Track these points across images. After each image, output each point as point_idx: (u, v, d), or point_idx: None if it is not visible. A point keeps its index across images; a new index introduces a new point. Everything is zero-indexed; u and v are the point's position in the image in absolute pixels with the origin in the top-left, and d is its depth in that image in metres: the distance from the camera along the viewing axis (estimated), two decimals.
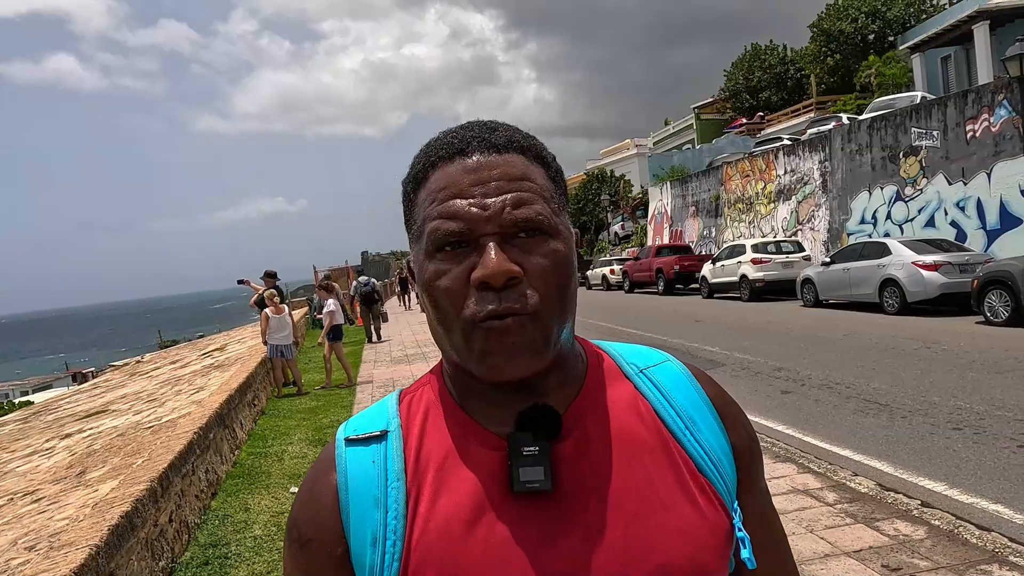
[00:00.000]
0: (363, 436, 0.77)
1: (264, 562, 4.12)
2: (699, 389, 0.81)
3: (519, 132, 0.77)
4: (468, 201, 0.69)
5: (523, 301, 0.68)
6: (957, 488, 4.60)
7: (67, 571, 2.83)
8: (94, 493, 4.18)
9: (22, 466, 6.33)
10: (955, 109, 16.91)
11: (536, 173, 0.73)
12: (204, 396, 7.28)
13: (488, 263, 0.67)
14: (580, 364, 0.79)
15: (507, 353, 0.68)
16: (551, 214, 0.71)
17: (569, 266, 0.72)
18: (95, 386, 14.57)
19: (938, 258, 12.34)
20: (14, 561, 3.23)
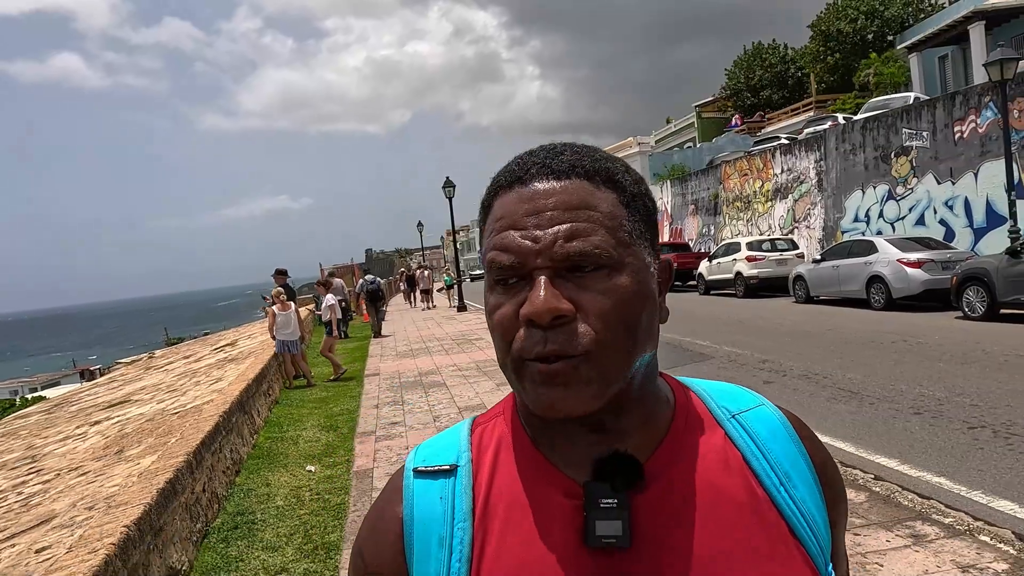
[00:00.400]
0: (432, 468, 0.75)
1: (287, 527, 4.66)
2: (797, 440, 0.76)
3: (590, 154, 0.71)
4: (520, 233, 0.66)
5: (574, 341, 0.64)
6: (908, 464, 5.12)
7: (128, 522, 3.37)
8: (136, 466, 4.72)
9: (59, 448, 6.88)
10: (943, 111, 17.37)
11: (603, 199, 0.68)
12: (223, 386, 7.83)
13: (534, 300, 0.64)
14: (666, 407, 0.75)
15: (558, 393, 0.65)
16: (614, 245, 0.66)
17: (636, 302, 0.67)
18: (112, 380, 15.14)
19: (922, 256, 12.84)
20: (78, 517, 3.77)
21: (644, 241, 0.70)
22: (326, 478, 5.72)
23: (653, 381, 0.74)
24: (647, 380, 0.72)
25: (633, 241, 0.68)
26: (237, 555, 4.24)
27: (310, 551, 4.21)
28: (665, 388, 0.76)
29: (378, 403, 8.77)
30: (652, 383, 0.73)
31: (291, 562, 4.07)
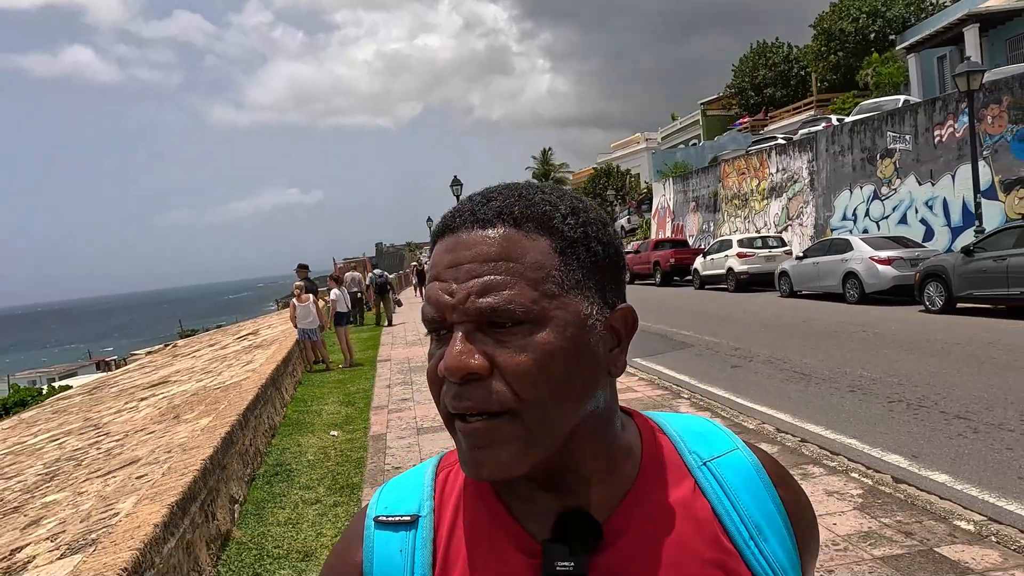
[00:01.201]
0: (393, 519, 0.73)
1: (317, 474, 5.79)
2: (770, 487, 0.73)
3: (526, 199, 0.68)
4: (441, 286, 0.65)
5: (489, 399, 0.62)
6: (831, 430, 6.18)
7: (203, 457, 4.48)
8: (196, 424, 5.84)
9: (117, 418, 8.02)
10: (925, 115, 18.33)
11: (529, 248, 0.64)
12: (255, 367, 8.96)
13: (447, 356, 0.62)
14: (631, 455, 0.72)
15: (481, 455, 0.63)
16: (536, 299, 0.63)
17: (560, 359, 0.63)
18: (142, 367, 16.34)
19: (892, 253, 13.85)
20: (160, 458, 4.89)
21: (584, 291, 0.66)
22: (347, 440, 6.84)
23: (610, 432, 0.70)
24: (600, 433, 0.69)
25: (565, 292, 0.64)
26: (280, 492, 5.37)
27: (337, 489, 5.33)
28: (632, 434, 0.74)
29: (390, 383, 9.90)
30: (607, 434, 0.70)
31: (323, 497, 5.20)
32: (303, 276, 12.75)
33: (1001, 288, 10.75)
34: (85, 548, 3.23)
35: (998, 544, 3.49)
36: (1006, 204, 15.80)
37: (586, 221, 0.69)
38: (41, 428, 9.38)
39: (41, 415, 11.47)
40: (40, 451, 7.17)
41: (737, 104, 49.88)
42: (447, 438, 6.00)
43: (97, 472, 5.10)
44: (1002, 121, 15.97)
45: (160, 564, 3.24)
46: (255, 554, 4.24)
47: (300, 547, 4.27)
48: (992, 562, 3.30)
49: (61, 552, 3.32)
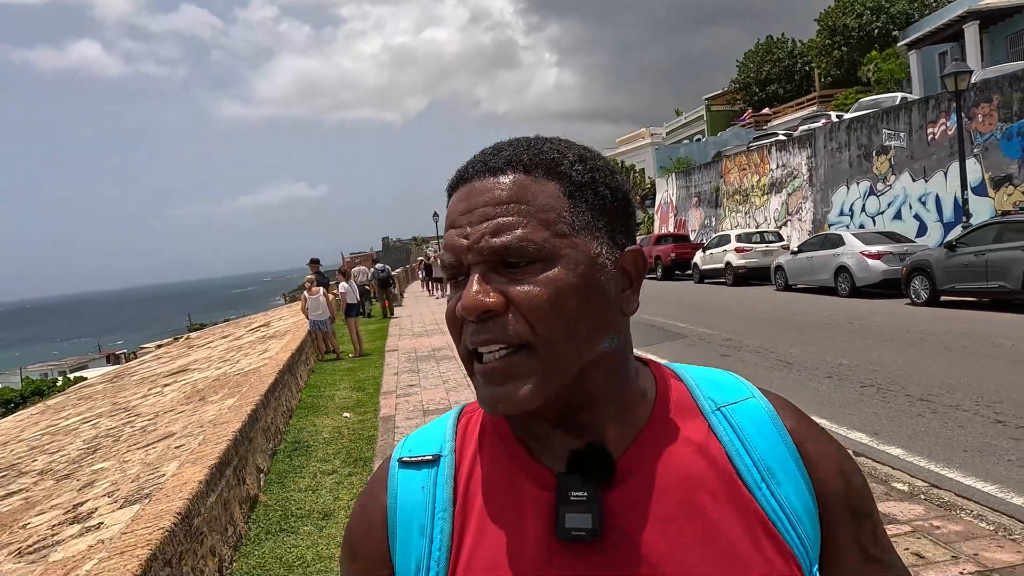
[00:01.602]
0: (416, 459, 0.76)
1: (333, 449, 6.36)
2: (783, 432, 0.73)
3: (535, 147, 0.71)
4: (457, 231, 0.68)
5: (505, 333, 0.65)
6: (822, 418, 6.70)
7: (233, 430, 5.04)
8: (222, 404, 6.41)
9: (144, 402, 8.61)
10: (918, 113, 18.77)
11: (539, 192, 0.67)
12: (271, 355, 9.54)
13: (464, 296, 0.65)
14: (645, 398, 0.74)
15: (497, 390, 0.66)
16: (548, 237, 0.66)
17: (573, 295, 0.66)
18: (158, 357, 16.96)
19: (881, 248, 14.34)
20: (193, 432, 5.46)
21: (594, 231, 0.69)
22: (358, 421, 7.41)
23: (623, 373, 0.72)
24: (614, 372, 0.71)
25: (575, 232, 0.67)
26: (299, 464, 5.94)
27: (351, 462, 5.89)
28: (646, 378, 0.76)
29: (398, 371, 10.47)
30: (622, 375, 0.72)
31: (338, 468, 5.76)
32: (314, 270, 13.34)
33: (981, 282, 11.24)
34: (140, 500, 3.79)
35: (925, 501, 4.03)
36: (995, 200, 16.25)
37: (593, 168, 0.71)
38: (70, 412, 9.98)
39: (67, 402, 12.08)
40: (76, 431, 7.76)
41: (742, 99, 50.21)
42: None
43: (136, 445, 5.68)
44: (992, 119, 16.42)
45: (204, 514, 3.81)
46: (280, 514, 4.81)
47: (320, 508, 4.84)
48: (916, 514, 3.84)
49: (120, 504, 3.89)
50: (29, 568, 3.22)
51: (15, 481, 5.73)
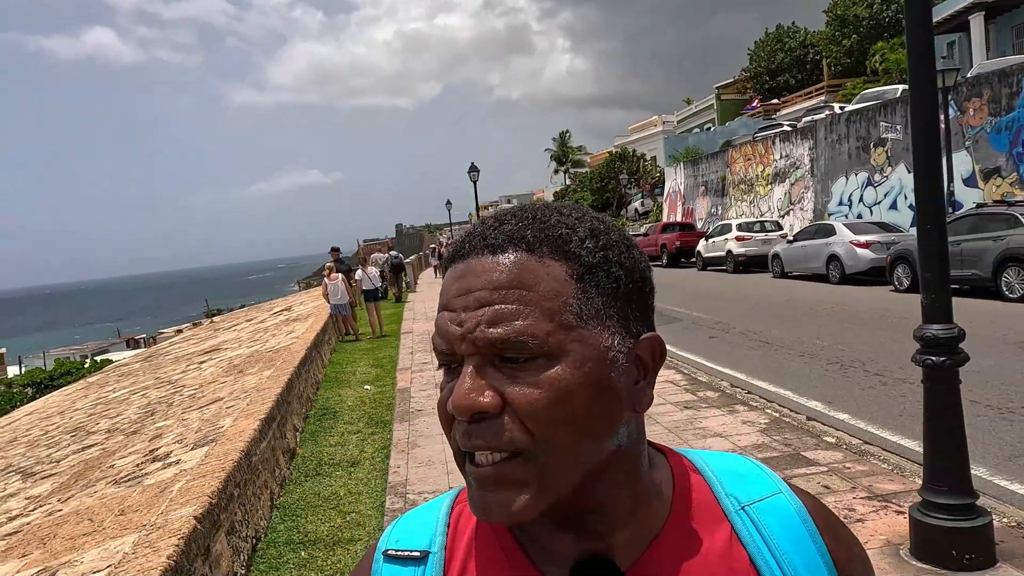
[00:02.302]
0: (403, 553, 0.71)
1: (356, 414, 7.30)
2: (815, 536, 0.67)
3: (541, 220, 0.64)
4: (450, 315, 0.62)
5: (500, 439, 0.59)
6: (772, 384, 7.55)
7: (275, 393, 5.96)
8: (260, 375, 7.34)
9: (185, 376, 9.57)
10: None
11: (544, 275, 0.61)
12: (298, 335, 10.48)
13: (456, 392, 0.59)
14: (661, 497, 0.67)
15: (490, 497, 0.60)
16: (552, 330, 0.59)
17: (577, 396, 0.59)
18: (187, 339, 17.98)
19: (870, 238, 15.10)
20: (240, 395, 6.39)
21: (605, 319, 0.62)
22: (378, 392, 8.35)
23: (633, 471, 0.66)
24: (625, 472, 0.65)
25: (583, 323, 0.61)
26: (328, 426, 6.88)
27: (373, 424, 6.83)
28: (662, 471, 0.69)
29: (412, 351, 11.41)
30: (633, 473, 0.65)
31: (362, 429, 6.70)
32: (335, 257, 14.29)
33: (957, 269, 11.98)
34: (207, 444, 4.72)
35: (846, 450, 4.90)
36: (985, 192, 16.92)
37: (607, 244, 0.64)
38: (115, 387, 10.97)
39: (107, 379, 13.11)
40: (127, 401, 8.73)
41: (752, 88, 50.62)
42: None
43: (191, 408, 6.63)
44: (983, 113, 17.07)
45: (259, 455, 4.74)
46: (315, 463, 5.75)
47: (348, 458, 5.78)
48: (834, 459, 4.72)
49: (190, 447, 4.82)
50: (129, 490, 4.16)
51: (87, 438, 6.70)
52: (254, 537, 4.23)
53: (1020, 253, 10.78)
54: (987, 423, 5.56)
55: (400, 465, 5.54)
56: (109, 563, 2.94)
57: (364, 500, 4.79)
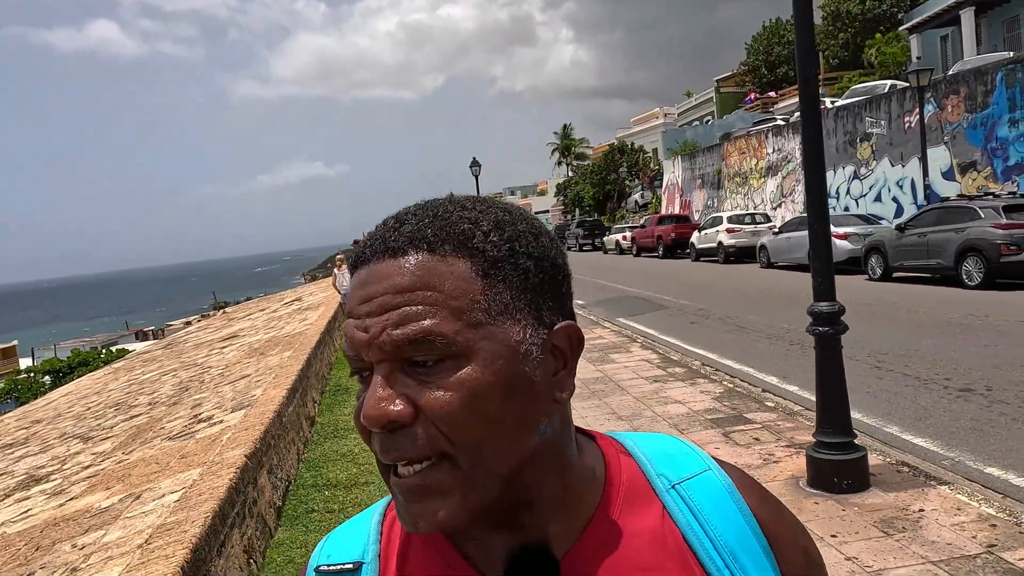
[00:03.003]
0: (335, 568, 0.70)
1: None
2: (745, 510, 0.68)
3: (441, 218, 0.62)
4: (356, 323, 0.60)
5: (416, 447, 0.58)
6: (737, 362, 8.44)
7: (297, 368, 6.88)
8: (281, 356, 8.26)
9: (210, 359, 10.51)
10: (896, 103, 20.21)
11: (447, 273, 0.59)
12: (311, 322, 11.41)
13: (366, 403, 0.58)
14: (593, 481, 0.68)
15: (416, 508, 0.59)
16: (459, 329, 0.58)
17: (492, 395, 0.58)
18: (203, 328, 18.95)
19: (848, 229, 15.96)
20: (267, 371, 7.31)
21: (515, 313, 0.61)
22: None
23: (561, 460, 0.65)
24: (552, 462, 0.64)
25: (492, 319, 0.59)
26: (342, 399, 7.83)
27: None
28: (592, 457, 0.69)
29: None
30: (560, 462, 0.65)
31: None
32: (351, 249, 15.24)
33: (923, 259, 12.87)
34: (244, 408, 5.65)
35: (781, 412, 5.82)
36: (962, 185, 17.74)
37: (512, 236, 0.62)
38: (143, 370, 11.93)
39: (132, 364, 14.07)
40: (159, 381, 9.68)
41: (751, 82, 51.29)
42: None
43: (222, 383, 7.57)
44: (960, 110, 17.87)
45: (288, 417, 5.67)
46: (332, 428, 6.68)
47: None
48: (769, 419, 5.64)
49: (230, 411, 5.75)
50: (184, 442, 5.09)
51: (131, 411, 7.64)
52: (287, 480, 5.16)
53: (978, 244, 11.63)
54: (911, 392, 6.47)
55: None
56: (183, 487, 3.86)
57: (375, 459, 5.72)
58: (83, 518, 3.80)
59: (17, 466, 6.21)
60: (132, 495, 4.04)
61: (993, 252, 11.33)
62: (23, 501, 4.74)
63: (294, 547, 4.13)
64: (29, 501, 4.68)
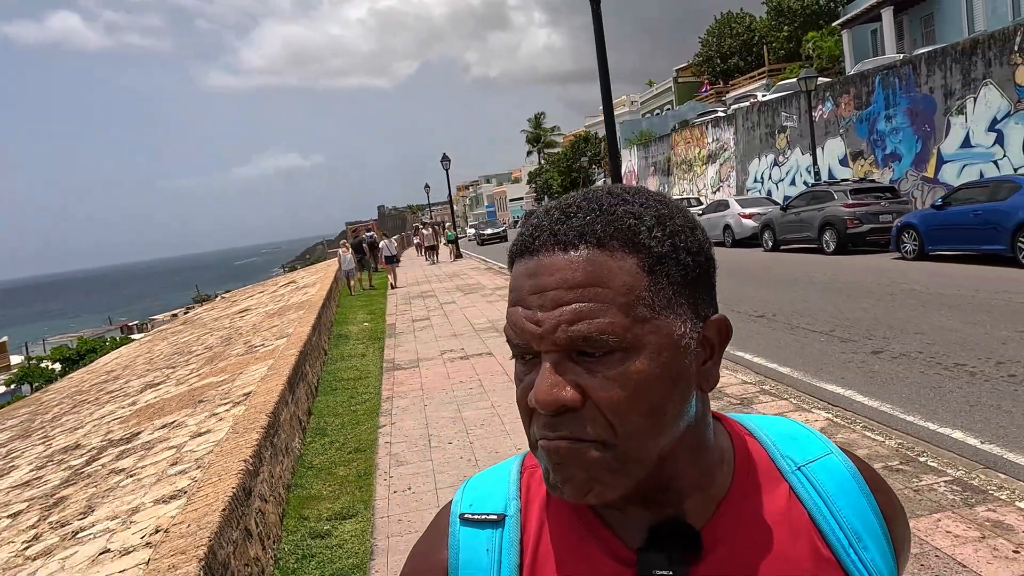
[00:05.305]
0: (479, 517, 0.74)
1: (360, 337, 11.35)
2: (868, 494, 0.72)
3: (607, 212, 0.64)
4: (526, 313, 0.63)
5: (583, 430, 0.61)
6: None
7: (313, 317, 9.97)
8: (297, 314, 11.32)
9: (235, 323, 13.52)
10: (805, 100, 23.48)
11: (617, 271, 0.62)
12: (312, 294, 14.47)
13: (538, 389, 0.62)
14: (725, 463, 0.72)
15: (567, 480, 0.63)
16: (629, 325, 0.61)
17: (655, 387, 0.62)
18: (213, 307, 21.88)
19: (753, 210, 19.27)
20: (288, 323, 10.38)
21: (676, 308, 0.63)
22: (373, 325, 12.39)
23: (701, 444, 0.69)
24: (693, 446, 0.68)
25: (657, 314, 0.62)
26: (343, 343, 10.94)
27: (370, 341, 10.88)
28: (723, 439, 0.73)
29: (396, 303, 15.49)
30: (700, 446, 0.69)
31: (365, 342, 10.74)
32: (351, 238, 18.59)
33: (798, 233, 16.16)
34: (285, 338, 8.72)
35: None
36: (853, 170, 21.08)
37: (673, 231, 0.65)
38: (176, 338, 14.91)
39: (164, 335, 17.03)
40: (199, 340, 12.68)
41: (705, 72, 54.50)
42: (434, 327, 12.18)
43: (258, 332, 10.63)
44: (851, 107, 21.18)
45: (312, 345, 8.76)
46: (340, 356, 9.80)
47: (358, 353, 9.83)
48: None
49: (274, 340, 8.81)
50: (252, 355, 8.15)
51: (192, 354, 10.67)
52: (316, 377, 8.28)
53: (831, 219, 14.93)
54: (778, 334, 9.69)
55: (390, 353, 9.62)
56: (263, 373, 6.95)
57: (371, 367, 8.85)
58: (211, 387, 6.89)
59: (131, 384, 9.27)
60: (232, 376, 7.13)
61: (842, 226, 14.64)
62: (159, 387, 7.84)
63: (326, 406, 7.24)
64: (164, 387, 7.77)
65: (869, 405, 5.59)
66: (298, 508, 4.46)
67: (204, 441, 4.63)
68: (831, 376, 6.47)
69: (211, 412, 5.61)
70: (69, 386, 12.96)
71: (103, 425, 6.80)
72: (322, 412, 6.96)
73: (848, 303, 9.71)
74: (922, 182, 18.18)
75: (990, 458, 4.36)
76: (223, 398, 6.08)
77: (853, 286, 11.10)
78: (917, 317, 8.28)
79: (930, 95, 17.88)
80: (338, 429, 6.28)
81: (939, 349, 6.79)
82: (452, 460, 5.14)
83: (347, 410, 6.92)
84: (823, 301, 10.14)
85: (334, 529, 4.09)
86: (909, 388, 5.83)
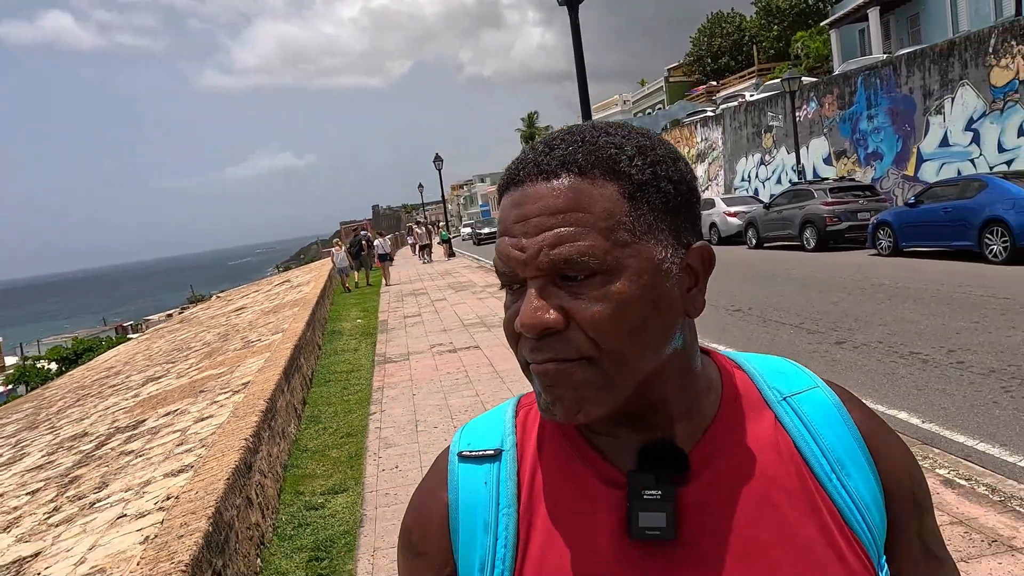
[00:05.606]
0: (477, 453, 0.76)
1: (353, 334, 11.74)
2: (850, 424, 0.74)
3: (589, 143, 0.67)
4: (511, 241, 0.66)
5: (568, 350, 0.64)
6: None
7: (307, 312, 10.36)
8: (292, 311, 11.70)
9: (231, 321, 13.89)
10: (791, 101, 23.93)
11: (598, 196, 0.64)
12: (306, 292, 14.84)
13: (523, 312, 0.64)
14: (712, 392, 0.74)
15: (557, 399, 0.65)
16: (609, 248, 0.63)
17: (636, 307, 0.64)
18: (209, 306, 22.22)
19: (738, 208, 19.70)
20: (284, 320, 10.76)
21: (658, 233, 0.66)
22: (366, 322, 12.77)
23: (688, 371, 0.72)
24: (680, 372, 0.71)
25: (637, 239, 0.64)
26: (337, 338, 11.33)
27: (363, 336, 11.26)
28: (711, 370, 0.76)
29: (389, 300, 15.86)
30: (687, 373, 0.71)
31: (358, 338, 11.14)
32: (348, 237, 18.94)
33: (780, 230, 16.60)
34: (280, 333, 9.10)
35: None
36: (837, 168, 21.53)
37: (654, 160, 0.67)
38: (174, 336, 15.27)
39: (159, 335, 17.38)
40: (197, 337, 13.05)
41: (696, 71, 54.94)
42: (425, 323, 12.64)
43: (254, 328, 11.01)
44: (834, 107, 21.63)
45: (307, 339, 9.15)
46: (333, 351, 10.18)
47: (351, 348, 10.22)
48: None
49: (270, 335, 9.20)
50: (247, 350, 8.53)
51: (190, 350, 11.04)
52: (311, 370, 8.67)
53: (812, 217, 15.37)
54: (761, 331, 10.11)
55: (382, 348, 10.01)
56: (259, 365, 7.33)
57: (363, 360, 9.25)
58: (211, 379, 7.27)
59: (132, 378, 9.65)
60: (231, 369, 7.51)
61: (821, 223, 15.08)
62: (160, 380, 8.22)
63: (320, 396, 7.63)
64: (165, 380, 8.15)
65: None
66: (294, 485, 4.85)
67: (207, 425, 5.02)
68: None
69: (212, 400, 5.99)
70: (70, 382, 13.33)
71: (108, 415, 7.18)
72: (316, 402, 7.35)
73: (820, 297, 10.13)
74: (903, 180, 18.65)
75: (928, 435, 4.78)
76: (223, 388, 6.46)
77: (827, 281, 11.53)
78: (882, 310, 8.71)
79: (910, 95, 18.34)
80: (331, 417, 6.67)
81: (898, 339, 7.22)
82: (437, 442, 5.54)
83: (340, 400, 7.31)
84: (798, 296, 10.56)
85: (327, 502, 4.48)
86: (865, 375, 6.26)
